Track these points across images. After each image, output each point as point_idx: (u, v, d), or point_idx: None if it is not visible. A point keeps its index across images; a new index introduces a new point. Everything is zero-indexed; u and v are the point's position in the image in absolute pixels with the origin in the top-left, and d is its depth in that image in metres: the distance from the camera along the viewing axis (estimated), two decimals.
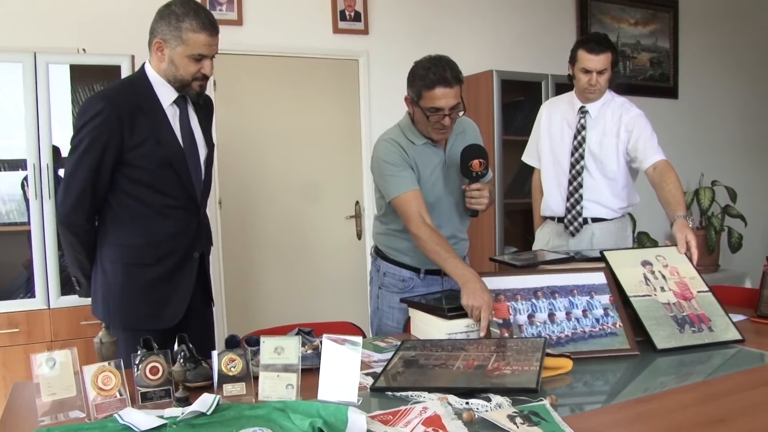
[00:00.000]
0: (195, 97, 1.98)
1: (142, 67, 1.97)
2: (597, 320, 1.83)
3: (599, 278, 1.95)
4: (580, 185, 2.66)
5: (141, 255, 1.94)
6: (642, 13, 4.82)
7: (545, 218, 2.84)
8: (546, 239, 2.80)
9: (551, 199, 2.75)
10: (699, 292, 1.98)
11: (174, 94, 1.95)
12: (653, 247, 2.23)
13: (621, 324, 1.82)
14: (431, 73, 2.08)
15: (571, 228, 2.68)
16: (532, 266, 2.13)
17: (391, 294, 2.35)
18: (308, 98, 3.72)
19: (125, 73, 2.85)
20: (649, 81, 4.89)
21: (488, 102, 3.77)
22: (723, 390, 1.48)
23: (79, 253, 1.98)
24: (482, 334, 1.83)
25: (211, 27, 1.89)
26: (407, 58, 2.24)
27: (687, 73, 5.06)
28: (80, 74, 2.88)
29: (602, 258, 2.05)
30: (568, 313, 1.85)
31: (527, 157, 2.93)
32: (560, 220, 2.73)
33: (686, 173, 4.83)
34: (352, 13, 3.76)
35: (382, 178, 2.23)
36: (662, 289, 1.96)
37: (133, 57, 2.89)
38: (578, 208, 2.66)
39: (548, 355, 1.60)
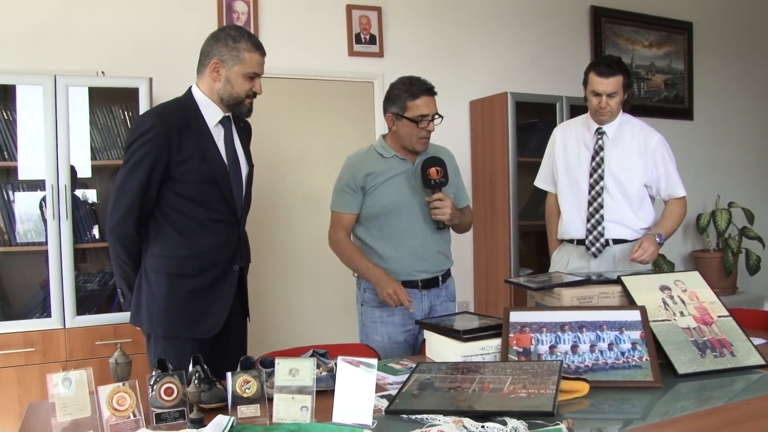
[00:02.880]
0: (246, 114, 2.11)
1: (189, 89, 2.07)
2: (622, 353, 1.76)
3: (633, 315, 1.86)
4: (601, 206, 2.64)
5: (184, 266, 2.00)
6: (656, 35, 4.82)
7: (562, 241, 2.81)
8: (565, 261, 2.76)
9: (571, 223, 2.72)
10: (719, 317, 1.95)
11: (219, 115, 2.05)
12: (671, 272, 2.21)
13: (648, 358, 1.73)
14: (413, 86, 2.36)
15: (593, 249, 2.65)
16: (548, 288, 2.11)
17: (372, 309, 2.46)
18: (324, 120, 3.74)
19: (143, 95, 2.89)
20: (664, 102, 4.88)
21: (503, 124, 3.77)
22: (744, 414, 1.46)
23: (125, 263, 2.04)
24: (408, 307, 2.28)
25: (262, 48, 2.08)
26: None
27: (702, 94, 5.04)
28: (99, 96, 2.92)
29: (619, 282, 2.03)
30: (592, 346, 1.79)
31: (540, 182, 2.92)
32: (580, 242, 2.71)
33: (702, 195, 4.79)
34: (368, 36, 3.79)
35: (335, 188, 2.51)
36: (681, 313, 1.94)
37: (151, 80, 2.92)
38: (599, 228, 2.64)
39: (564, 378, 1.58)
